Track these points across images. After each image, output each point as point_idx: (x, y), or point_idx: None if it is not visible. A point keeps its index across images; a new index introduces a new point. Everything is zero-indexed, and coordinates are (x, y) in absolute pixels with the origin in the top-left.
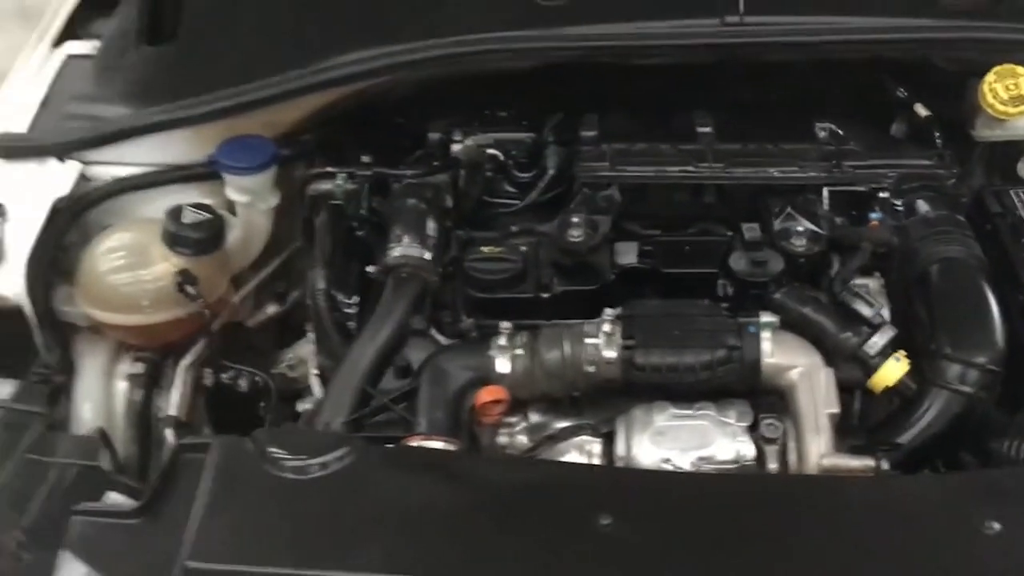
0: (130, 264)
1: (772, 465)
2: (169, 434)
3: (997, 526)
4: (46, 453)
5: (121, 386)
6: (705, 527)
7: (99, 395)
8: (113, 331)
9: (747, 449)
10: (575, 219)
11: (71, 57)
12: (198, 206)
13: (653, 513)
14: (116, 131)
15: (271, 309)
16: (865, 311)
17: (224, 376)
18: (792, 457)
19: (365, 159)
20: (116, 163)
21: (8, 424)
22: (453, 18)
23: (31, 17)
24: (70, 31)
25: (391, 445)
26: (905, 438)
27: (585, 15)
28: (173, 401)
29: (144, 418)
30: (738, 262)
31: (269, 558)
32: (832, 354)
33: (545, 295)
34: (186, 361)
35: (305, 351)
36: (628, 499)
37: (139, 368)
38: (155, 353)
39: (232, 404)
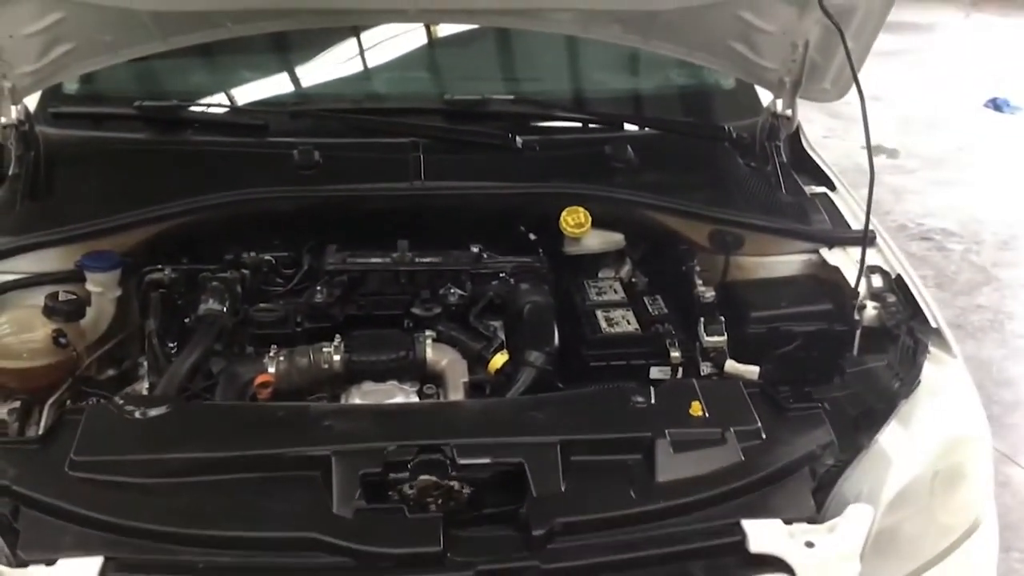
0: (16, 331)
1: None
2: None
3: (540, 416)
4: None
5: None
6: (390, 423)
7: None
8: (1, 375)
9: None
10: (319, 288)
11: None
12: (68, 291)
13: (358, 419)
14: (8, 248)
15: (111, 370)
16: (484, 331)
17: (81, 403)
18: None
19: (184, 260)
20: (7, 271)
21: None
22: (240, 178)
23: None
24: None
25: None
26: (509, 394)
27: (326, 178)
28: (41, 428)
29: None
30: (416, 308)
31: (123, 448)
32: (468, 355)
33: (298, 330)
34: (51, 400)
35: (138, 388)
36: (338, 417)
37: (16, 404)
38: (28, 395)
39: None
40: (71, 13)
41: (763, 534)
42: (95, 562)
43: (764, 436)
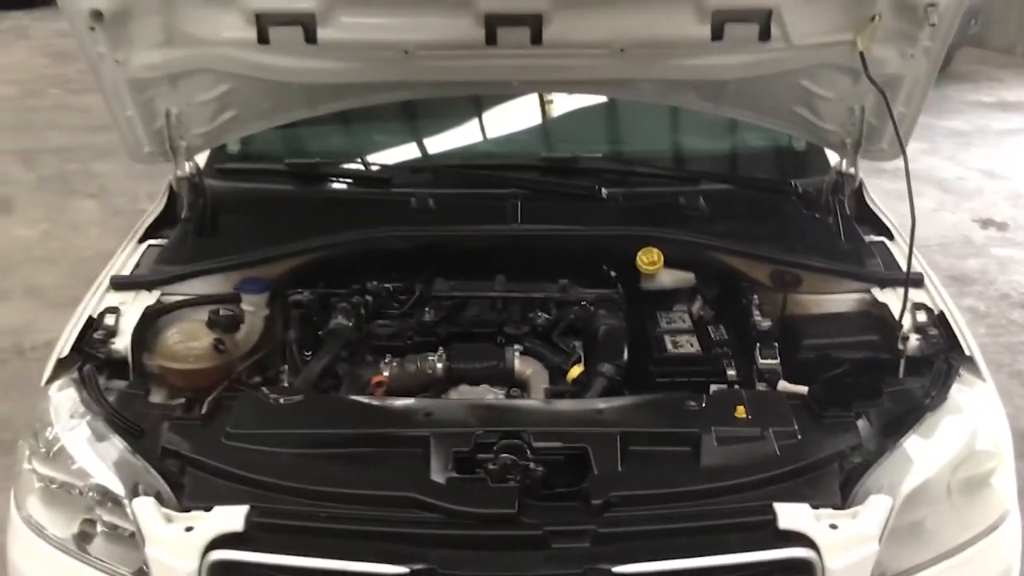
0: (184, 339)
1: None
2: None
3: (605, 413)
4: (148, 409)
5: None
6: (479, 414)
7: None
8: (171, 375)
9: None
10: (428, 310)
11: (151, 246)
12: (226, 308)
13: (454, 411)
14: (180, 274)
15: (258, 377)
16: (564, 347)
17: None
18: None
19: (320, 285)
20: (179, 293)
21: (127, 396)
22: (366, 221)
23: None
24: (147, 235)
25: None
26: (588, 395)
27: (438, 221)
28: None
29: None
30: (508, 327)
31: (267, 426)
32: (550, 367)
33: (409, 343)
34: (210, 398)
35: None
36: (438, 409)
37: (183, 400)
38: (192, 393)
39: None
40: (237, 85)
41: (792, 515)
42: (242, 509)
43: (800, 437)
